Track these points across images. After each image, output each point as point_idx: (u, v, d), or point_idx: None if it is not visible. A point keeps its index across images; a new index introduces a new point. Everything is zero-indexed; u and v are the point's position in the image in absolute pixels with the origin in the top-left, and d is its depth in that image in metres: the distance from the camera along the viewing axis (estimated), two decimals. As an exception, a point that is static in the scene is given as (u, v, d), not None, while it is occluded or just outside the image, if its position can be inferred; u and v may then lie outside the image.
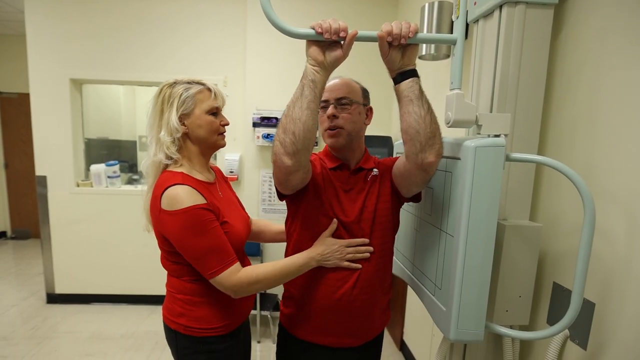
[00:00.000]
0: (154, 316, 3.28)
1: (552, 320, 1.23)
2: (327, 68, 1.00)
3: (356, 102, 1.18)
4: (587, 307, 1.08)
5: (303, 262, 1.14)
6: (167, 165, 1.16)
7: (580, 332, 1.11)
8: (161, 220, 1.10)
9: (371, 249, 1.17)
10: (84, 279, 3.45)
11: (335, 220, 1.16)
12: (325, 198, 1.16)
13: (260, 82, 3.17)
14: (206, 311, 1.19)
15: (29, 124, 3.27)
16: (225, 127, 1.24)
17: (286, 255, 1.28)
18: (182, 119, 1.15)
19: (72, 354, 2.68)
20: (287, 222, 1.27)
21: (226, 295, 1.18)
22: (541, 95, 1.23)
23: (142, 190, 1.21)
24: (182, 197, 1.07)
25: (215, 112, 1.20)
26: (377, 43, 1.00)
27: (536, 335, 1.06)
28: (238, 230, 1.23)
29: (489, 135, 1.03)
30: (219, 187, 1.27)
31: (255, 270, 1.14)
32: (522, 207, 1.26)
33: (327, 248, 1.13)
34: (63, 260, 3.42)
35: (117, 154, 4.06)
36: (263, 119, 3.10)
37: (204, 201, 1.11)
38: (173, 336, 1.22)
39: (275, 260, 1.16)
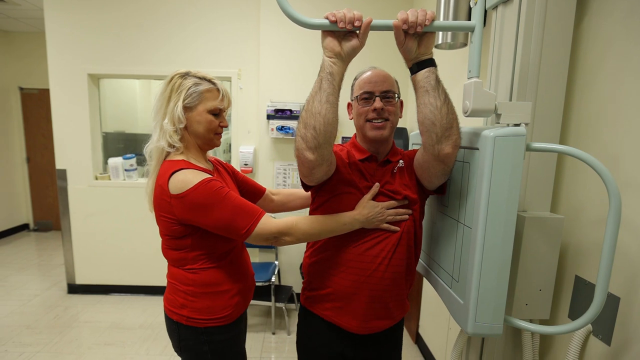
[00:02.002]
0: (171, 307, 3.33)
1: (573, 314, 1.20)
2: (345, 59, 0.99)
3: (397, 95, 1.18)
4: (612, 302, 1.05)
5: (347, 221, 1.14)
6: (168, 153, 1.19)
7: (604, 327, 1.08)
8: (174, 206, 1.12)
9: (410, 211, 1.17)
10: (103, 270, 3.52)
11: (377, 183, 1.15)
12: (354, 191, 1.16)
13: (274, 75, 3.16)
14: (208, 302, 1.20)
15: (49, 119, 3.35)
16: (224, 128, 1.26)
17: (307, 246, 1.28)
18: (184, 111, 1.17)
19: (92, 343, 2.75)
20: (312, 212, 1.26)
21: (228, 284, 1.21)
22: (563, 82, 1.19)
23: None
24: (189, 177, 1.10)
25: (217, 112, 1.22)
26: (392, 32, 0.98)
27: (558, 329, 1.04)
28: None
29: (508, 125, 1.00)
30: (216, 176, 1.27)
31: (295, 217, 1.17)
32: (542, 199, 1.23)
33: (371, 210, 1.13)
34: (83, 251, 3.50)
35: (134, 147, 4.11)
36: (277, 111, 3.09)
37: (211, 175, 1.14)
38: (175, 327, 1.23)
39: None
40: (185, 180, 1.10)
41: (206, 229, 1.14)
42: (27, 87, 5.17)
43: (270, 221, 1.14)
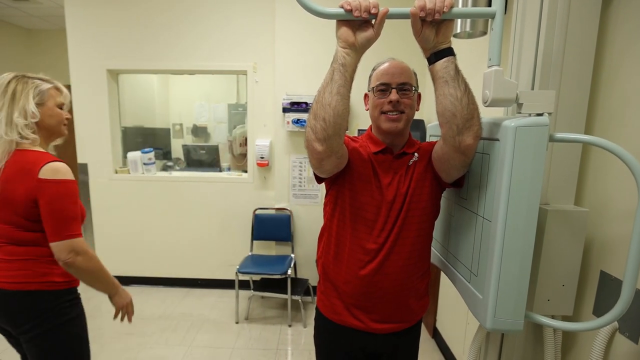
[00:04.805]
0: (189, 298, 3.40)
1: (598, 311, 1.16)
2: (358, 50, 0.97)
3: (415, 87, 1.15)
4: None
5: (115, 286, 1.46)
6: (18, 144, 1.28)
7: (632, 325, 1.04)
8: (41, 187, 1.23)
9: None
10: (123, 262, 3.60)
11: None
12: (367, 182, 1.15)
13: (289, 68, 3.15)
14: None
15: (71, 114, 3.41)
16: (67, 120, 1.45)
17: (321, 237, 1.29)
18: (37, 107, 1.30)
19: (114, 332, 2.83)
20: (327, 206, 1.25)
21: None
22: (589, 70, 1.14)
23: (176, 176, 1.24)
24: (65, 170, 1.28)
25: (61, 106, 1.40)
26: (408, 21, 0.96)
27: (583, 326, 1.00)
28: None
29: (529, 114, 0.96)
30: None
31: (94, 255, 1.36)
32: (566, 191, 1.19)
33: (124, 295, 1.49)
34: (104, 243, 3.59)
35: (152, 141, 4.17)
36: (293, 104, 3.08)
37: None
38: (29, 299, 1.29)
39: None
40: (61, 170, 1.26)
41: (44, 214, 1.24)
42: (50, 84, 5.28)
43: (84, 243, 1.31)
